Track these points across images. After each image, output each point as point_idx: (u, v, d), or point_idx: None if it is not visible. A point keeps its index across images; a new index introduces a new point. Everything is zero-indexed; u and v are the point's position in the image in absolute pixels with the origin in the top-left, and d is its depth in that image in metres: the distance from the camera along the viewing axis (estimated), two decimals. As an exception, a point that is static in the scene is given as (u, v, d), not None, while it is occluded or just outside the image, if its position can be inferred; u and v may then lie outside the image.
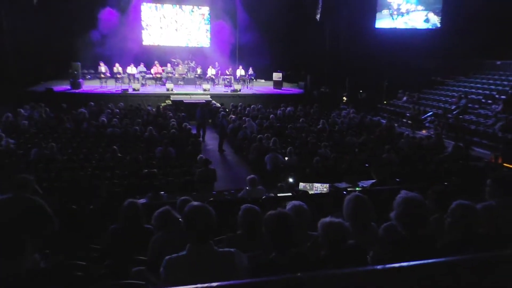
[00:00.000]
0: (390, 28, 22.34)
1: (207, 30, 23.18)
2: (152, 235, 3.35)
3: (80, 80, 17.74)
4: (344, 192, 5.61)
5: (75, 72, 17.42)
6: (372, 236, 3.02)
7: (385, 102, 19.85)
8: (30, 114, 13.03)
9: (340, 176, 7.78)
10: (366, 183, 6.81)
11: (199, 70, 19.97)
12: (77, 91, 17.22)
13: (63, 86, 17.71)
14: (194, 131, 12.56)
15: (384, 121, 14.55)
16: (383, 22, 22.51)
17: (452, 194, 3.32)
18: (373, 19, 22.47)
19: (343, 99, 20.08)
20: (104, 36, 19.16)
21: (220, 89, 19.34)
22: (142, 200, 5.64)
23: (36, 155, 8.85)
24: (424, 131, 15.12)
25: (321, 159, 8.92)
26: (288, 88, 20.88)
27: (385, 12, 22.45)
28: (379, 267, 1.28)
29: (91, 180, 7.55)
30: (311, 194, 6.28)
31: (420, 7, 22.06)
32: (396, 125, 16.52)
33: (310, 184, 6.64)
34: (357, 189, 6.47)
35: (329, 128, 12.80)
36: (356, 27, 21.09)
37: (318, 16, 21.06)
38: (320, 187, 6.56)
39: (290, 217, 2.51)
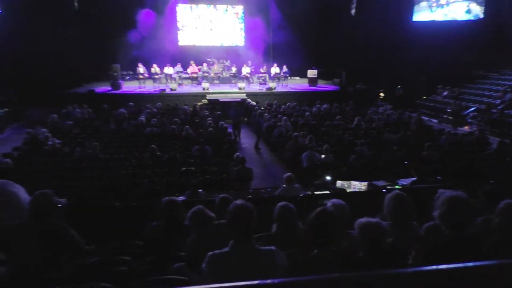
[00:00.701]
0: (429, 21, 21.59)
1: (241, 29, 23.31)
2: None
3: (120, 81, 18.34)
4: (384, 190, 5.50)
5: (115, 74, 18.02)
6: (413, 236, 2.95)
7: (424, 97, 19.25)
8: (73, 115, 13.59)
9: (378, 174, 7.61)
10: (406, 181, 6.64)
11: (234, 69, 20.13)
12: (117, 92, 17.81)
13: (104, 88, 18.35)
14: (230, 130, 12.68)
15: (424, 118, 14.13)
16: (421, 14, 21.80)
17: (500, 193, 3.19)
18: (410, 12, 21.81)
19: (380, 96, 19.64)
20: (142, 38, 19.69)
21: (255, 87, 19.41)
22: (180, 198, 5.77)
23: (80, 154, 9.23)
24: (466, 127, 14.55)
25: (358, 156, 8.79)
26: (323, 85, 20.67)
27: (424, 4, 21.73)
28: (421, 268, 1.26)
29: (132, 178, 7.79)
30: (349, 192, 6.20)
31: (461, -2, 21.20)
32: (436, 121, 16.03)
33: (348, 182, 6.55)
34: (396, 187, 6.32)
35: (366, 125, 12.57)
36: (393, 21, 20.54)
37: (353, 11, 20.69)
38: (358, 185, 6.46)
39: (333, 215, 2.49)
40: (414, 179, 6.50)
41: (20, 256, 3.07)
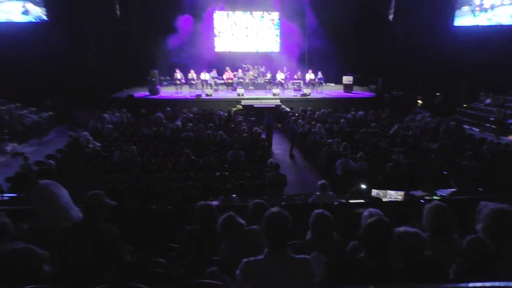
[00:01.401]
0: (472, 26, 20.85)
1: (277, 35, 23.39)
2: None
3: (158, 86, 18.82)
4: (422, 201, 5.34)
5: (153, 79, 18.52)
6: (454, 249, 2.84)
7: (465, 105, 18.56)
8: (113, 119, 14.06)
9: (416, 183, 7.40)
10: (445, 192, 6.43)
11: (268, 75, 20.21)
12: (155, 97, 18.28)
13: (142, 93, 18.89)
14: (264, 136, 12.71)
15: (465, 126, 13.62)
16: (463, 19, 21.09)
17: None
18: (451, 17, 21.15)
19: (418, 103, 19.11)
20: (180, 44, 20.15)
21: (290, 94, 19.39)
22: (214, 202, 5.83)
23: (118, 157, 9.52)
24: (510, 137, 13.91)
25: (395, 165, 8.58)
26: (358, 92, 20.38)
27: (466, 8, 21.02)
28: (463, 284, 1.21)
29: (167, 182, 7.94)
30: (385, 201, 6.06)
31: (507, 1, 20.32)
32: (477, 129, 15.43)
33: (384, 191, 6.40)
34: (435, 197, 6.13)
35: (403, 133, 12.26)
36: (433, 26, 19.97)
37: (390, 17, 20.31)
38: (394, 195, 6.31)
39: (389, 224, 2.43)
40: (453, 190, 6.28)
41: (68, 256, 3.20)
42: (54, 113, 16.49)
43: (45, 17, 19.56)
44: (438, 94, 19.43)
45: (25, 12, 19.48)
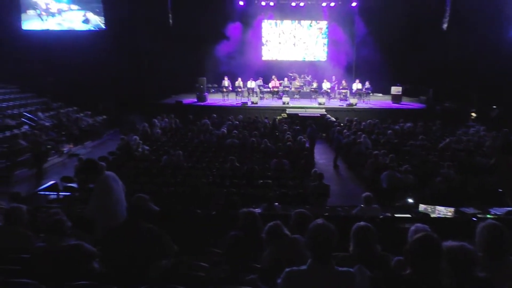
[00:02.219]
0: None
1: (324, 44, 23.27)
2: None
3: (205, 93, 19.27)
4: (474, 219, 5.09)
5: (201, 86, 18.99)
6: (508, 271, 2.69)
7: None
8: (162, 124, 14.53)
9: (467, 200, 7.05)
10: (500, 211, 6.07)
11: (314, 84, 20.12)
12: (202, 103, 18.72)
13: (191, 99, 19.40)
14: (307, 145, 12.63)
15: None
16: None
17: None
18: (509, 27, 20.09)
19: (471, 116, 18.23)
20: (228, 52, 20.59)
21: (335, 103, 19.17)
22: (257, 210, 5.86)
23: (166, 162, 9.81)
24: None
25: (444, 180, 8.22)
26: (407, 103, 19.78)
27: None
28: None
29: (211, 187, 8.08)
30: (433, 217, 5.83)
31: None
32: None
33: (432, 207, 6.15)
34: (488, 216, 5.81)
35: (454, 146, 11.72)
36: (488, 36, 19.07)
37: (444, 26, 19.61)
38: (443, 211, 6.04)
39: (437, 240, 2.35)
40: (510, 209, 5.93)
41: (116, 254, 3.35)
42: (107, 117, 17.32)
43: (103, 26, 20.70)
44: (494, 107, 18.43)
45: (86, 21, 20.71)
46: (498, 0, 19.09)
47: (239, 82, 19.53)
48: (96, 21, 20.72)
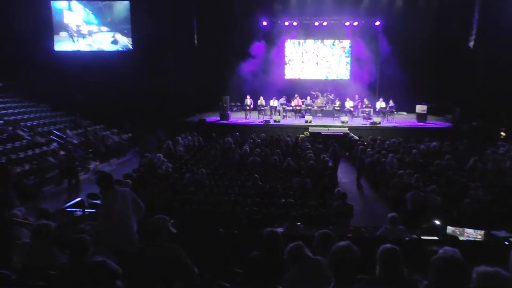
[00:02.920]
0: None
1: (347, 63, 23.26)
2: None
3: (228, 112, 19.48)
4: (506, 243, 4.89)
5: (224, 105, 19.23)
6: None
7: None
8: (185, 142, 14.71)
9: (498, 222, 6.80)
10: (533, 234, 5.83)
11: (337, 103, 20.05)
12: (225, 122, 18.91)
13: (214, 117, 19.63)
14: (330, 164, 12.51)
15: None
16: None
17: None
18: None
19: (501, 135, 17.71)
20: (251, 71, 20.89)
21: (358, 122, 19.02)
22: (279, 229, 5.82)
23: (189, 180, 9.89)
24: None
25: (473, 201, 7.96)
26: (433, 122, 19.41)
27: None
28: None
29: (234, 205, 8.08)
30: (462, 240, 5.64)
31: None
32: None
33: (461, 229, 5.95)
34: (520, 239, 5.59)
35: (482, 166, 11.37)
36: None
37: (471, 43, 19.32)
38: (473, 234, 5.83)
39: (463, 263, 2.27)
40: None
41: (138, 274, 3.38)
42: (133, 134, 17.68)
43: (130, 46, 21.35)
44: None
45: (114, 42, 21.42)
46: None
47: (261, 101, 19.68)
48: (124, 41, 21.41)
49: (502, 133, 17.79)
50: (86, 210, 7.65)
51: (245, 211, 7.73)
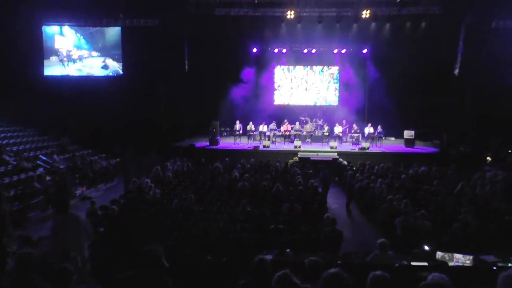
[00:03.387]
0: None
1: (336, 89, 23.62)
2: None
3: (218, 137, 19.50)
4: (494, 268, 4.88)
5: (214, 130, 19.26)
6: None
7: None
8: (174, 167, 14.61)
9: (487, 247, 6.81)
10: (522, 259, 5.83)
11: (326, 128, 20.23)
12: (214, 147, 18.89)
13: (203, 142, 19.62)
14: (320, 189, 12.50)
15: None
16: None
17: None
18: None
19: (487, 160, 17.97)
20: (241, 96, 21.13)
21: (347, 147, 19.16)
22: (268, 256, 5.73)
23: (177, 205, 9.77)
24: None
25: (462, 226, 7.98)
26: (421, 147, 19.64)
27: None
28: None
29: (222, 232, 7.97)
30: (451, 266, 5.61)
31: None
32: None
33: (450, 254, 5.93)
34: (509, 264, 5.58)
35: (470, 191, 11.46)
36: (502, 80, 19.19)
37: (456, 71, 19.82)
38: (462, 259, 5.82)
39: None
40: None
41: None
42: (122, 159, 17.53)
43: (121, 71, 21.45)
44: (510, 151, 18.20)
45: (105, 67, 21.52)
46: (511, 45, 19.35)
47: (250, 126, 19.78)
48: (115, 67, 21.51)
49: (488, 158, 18.06)
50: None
51: (234, 238, 7.62)
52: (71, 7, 19.84)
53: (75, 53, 21.51)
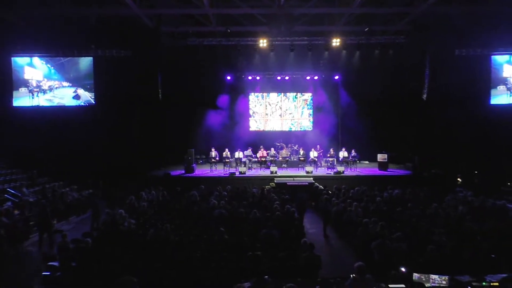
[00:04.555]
0: (508, 104, 20.78)
1: (310, 114, 24.06)
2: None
3: (193, 165, 19.36)
4: (469, 287, 4.95)
5: (189, 158, 19.13)
6: None
7: (509, 183, 17.76)
8: (149, 197, 14.34)
9: (461, 267, 6.91)
10: (495, 277, 5.95)
11: (301, 153, 20.43)
12: (190, 175, 18.71)
13: (179, 171, 19.41)
14: (296, 214, 12.48)
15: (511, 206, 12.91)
16: (499, 98, 21.09)
17: None
18: (487, 96, 21.21)
19: (458, 181, 18.49)
20: (216, 124, 21.21)
21: (323, 171, 19.36)
22: (246, 284, 5.65)
23: (153, 236, 9.54)
24: None
25: (437, 247, 8.11)
26: (394, 170, 20.06)
27: (501, 88, 21.12)
28: None
29: (200, 262, 7.81)
30: (428, 287, 5.66)
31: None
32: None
33: (426, 276, 5.99)
34: (483, 284, 5.68)
35: (443, 212, 11.71)
36: (469, 104, 20.07)
37: (424, 96, 20.57)
38: (438, 280, 5.89)
39: None
40: (504, 275, 5.81)
41: None
42: (94, 190, 17.10)
43: (93, 101, 21.20)
44: (476, 172, 18.83)
45: (76, 97, 21.24)
46: (474, 73, 20.34)
47: (226, 153, 19.78)
48: (87, 96, 21.26)
49: (458, 179, 18.58)
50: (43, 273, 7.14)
51: (212, 266, 7.48)
52: (42, 38, 19.66)
53: (45, 84, 21.19)
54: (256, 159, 20.40)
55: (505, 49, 20.67)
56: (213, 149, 20.02)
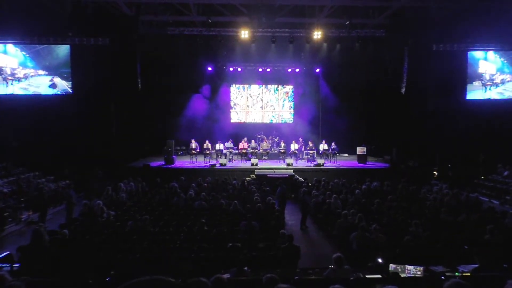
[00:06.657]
0: (483, 99, 21.32)
1: (291, 107, 24.15)
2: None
3: (173, 156, 19.20)
4: (442, 277, 5.10)
5: (169, 149, 18.96)
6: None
7: (482, 177, 18.30)
8: (128, 188, 14.17)
9: (436, 258, 7.10)
10: (467, 268, 6.13)
11: (282, 145, 20.52)
12: (170, 166, 18.57)
13: (158, 162, 19.23)
14: (277, 206, 12.56)
15: (484, 198, 13.30)
16: (475, 93, 21.60)
17: None
18: (463, 91, 21.68)
19: (434, 174, 18.93)
20: (197, 116, 21.02)
21: (303, 164, 19.50)
22: (226, 275, 5.66)
23: (131, 227, 9.46)
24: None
25: (413, 238, 8.30)
26: (373, 162, 20.39)
27: (477, 83, 21.61)
28: None
29: (179, 252, 7.79)
30: (403, 277, 5.79)
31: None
32: (497, 202, 15.04)
33: (402, 266, 6.13)
34: (456, 274, 5.84)
35: (420, 204, 11.98)
36: (445, 99, 20.47)
37: (403, 90, 20.89)
38: (413, 270, 6.02)
39: None
40: (476, 265, 6.00)
41: None
42: (71, 181, 16.77)
43: (70, 90, 20.69)
44: (449, 166, 19.33)
45: (52, 86, 20.67)
46: (451, 69, 20.70)
47: (207, 145, 19.68)
48: (63, 85, 20.73)
49: (434, 172, 19.03)
50: (15, 265, 6.96)
51: (191, 257, 7.47)
52: (16, 24, 18.99)
53: (20, 72, 20.54)
54: (237, 151, 20.38)
55: (482, 46, 21.11)
56: (193, 141, 19.89)
